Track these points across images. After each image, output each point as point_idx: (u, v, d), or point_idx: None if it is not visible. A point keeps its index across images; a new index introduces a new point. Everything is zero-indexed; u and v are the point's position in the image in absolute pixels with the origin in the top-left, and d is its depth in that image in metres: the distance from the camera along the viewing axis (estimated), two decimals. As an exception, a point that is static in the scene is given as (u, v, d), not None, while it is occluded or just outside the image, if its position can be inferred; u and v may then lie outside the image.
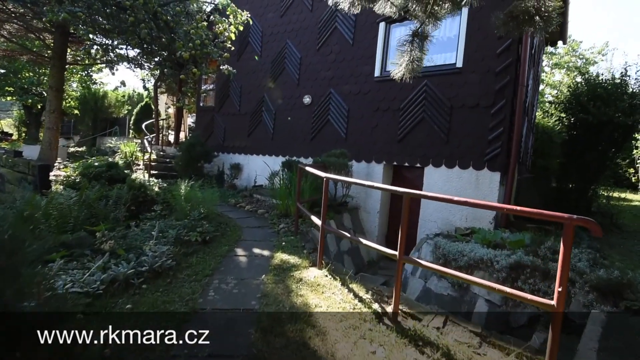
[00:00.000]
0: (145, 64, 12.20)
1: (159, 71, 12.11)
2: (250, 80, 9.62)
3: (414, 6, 3.70)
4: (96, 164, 7.85)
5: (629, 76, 6.29)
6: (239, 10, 4.39)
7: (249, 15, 4.50)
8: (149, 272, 3.59)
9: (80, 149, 14.66)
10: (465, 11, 6.17)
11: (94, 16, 4.03)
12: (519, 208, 2.40)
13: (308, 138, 8.25)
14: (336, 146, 7.67)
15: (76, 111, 17.14)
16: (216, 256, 4.21)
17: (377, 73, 7.19)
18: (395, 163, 6.93)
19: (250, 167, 9.53)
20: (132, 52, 11.15)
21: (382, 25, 7.18)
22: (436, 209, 6.37)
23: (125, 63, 11.99)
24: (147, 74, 11.98)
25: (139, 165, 10.58)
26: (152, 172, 9.86)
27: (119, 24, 4.15)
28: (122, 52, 6.32)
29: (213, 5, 4.32)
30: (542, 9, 2.76)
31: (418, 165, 6.64)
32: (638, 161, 9.45)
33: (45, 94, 10.50)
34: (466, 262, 4.41)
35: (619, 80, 6.23)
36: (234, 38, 4.60)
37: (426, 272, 4.89)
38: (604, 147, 6.29)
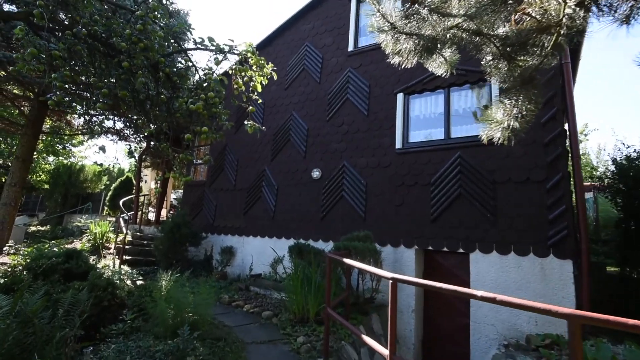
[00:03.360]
0: (132, 136, 11.34)
1: (146, 141, 11.20)
2: (248, 152, 8.74)
3: (496, 63, 2.94)
4: (55, 248, 6.29)
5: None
6: (263, 59, 3.53)
7: (274, 68, 3.65)
8: None
9: (42, 228, 12.77)
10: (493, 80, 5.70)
11: (75, 59, 3.06)
12: None
13: (317, 217, 7.08)
14: (353, 227, 6.50)
15: (46, 185, 15.57)
16: (218, 411, 2.64)
17: (398, 145, 6.42)
18: (430, 247, 5.75)
19: (245, 251, 8.07)
20: (118, 124, 10.32)
21: (400, 96, 6.65)
22: (493, 308, 5.04)
23: (109, 135, 11.09)
24: (134, 146, 11.01)
25: (110, 249, 8.89)
26: (126, 257, 8.20)
27: (107, 71, 3.17)
28: (103, 117, 5.26)
29: (236, 52, 3.43)
30: None
31: (461, 250, 5.47)
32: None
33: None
34: (593, 406, 2.99)
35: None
36: (260, 89, 3.66)
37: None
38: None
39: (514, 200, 5.21)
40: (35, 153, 14.57)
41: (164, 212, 12.82)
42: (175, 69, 3.89)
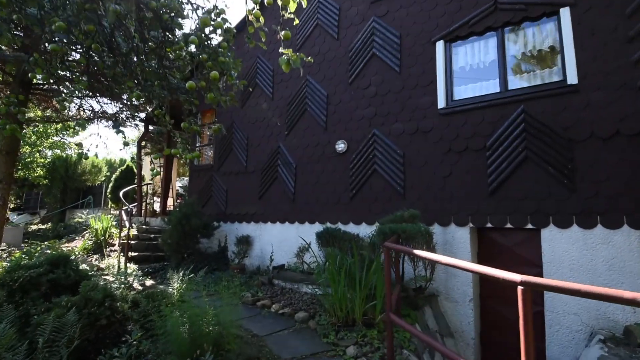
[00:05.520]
0: (128, 120, 10.32)
1: (145, 125, 10.26)
2: (259, 129, 7.71)
3: None
4: (48, 250, 5.48)
5: None
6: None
7: (303, -11, 2.58)
8: None
9: (44, 227, 12.03)
10: (565, 13, 4.56)
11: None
12: None
13: (346, 197, 6.11)
14: (390, 206, 5.54)
15: (45, 181, 14.75)
16: None
17: (441, 104, 5.35)
18: (489, 225, 4.78)
19: (263, 240, 7.19)
20: (111, 107, 9.28)
21: (439, 44, 5.50)
22: (579, 294, 4.10)
23: (103, 121, 10.09)
24: (125, 126, 10.05)
25: (114, 245, 8.08)
26: (132, 254, 7.38)
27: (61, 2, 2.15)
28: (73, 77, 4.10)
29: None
30: None
31: (529, 226, 4.49)
32: None
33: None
34: None
35: None
36: (293, 8, 2.59)
37: None
38: None
39: (599, 160, 4.17)
40: (29, 147, 13.68)
41: (170, 202, 11.97)
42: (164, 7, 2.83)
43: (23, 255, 5.20)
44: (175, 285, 4.18)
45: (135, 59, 2.84)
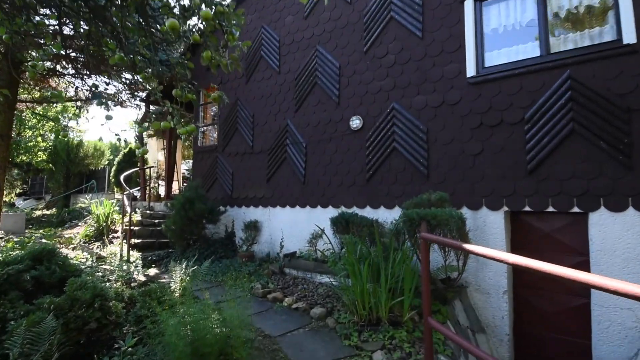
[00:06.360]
0: (128, 101, 9.82)
1: (145, 105, 9.78)
2: (265, 106, 7.14)
3: None
4: (44, 240, 5.12)
5: None
6: None
7: None
8: None
9: (48, 212, 11.78)
10: (624, -42, 3.83)
11: None
12: None
13: (362, 178, 5.58)
14: (411, 187, 5.02)
15: (49, 165, 14.47)
16: None
17: (470, 72, 4.70)
18: (527, 208, 4.23)
19: (272, 226, 6.75)
20: (110, 87, 8.77)
21: (468, 4, 4.80)
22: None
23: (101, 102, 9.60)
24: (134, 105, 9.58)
25: (116, 232, 7.73)
26: (135, 241, 7.03)
27: None
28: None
29: None
30: None
31: (575, 209, 3.94)
32: None
33: None
34: None
35: None
36: None
37: None
38: None
39: (664, 132, 3.56)
40: (28, 130, 13.31)
41: (175, 186, 11.60)
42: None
43: (16, 245, 4.83)
44: (177, 280, 3.76)
45: (113, 11, 2.29)
